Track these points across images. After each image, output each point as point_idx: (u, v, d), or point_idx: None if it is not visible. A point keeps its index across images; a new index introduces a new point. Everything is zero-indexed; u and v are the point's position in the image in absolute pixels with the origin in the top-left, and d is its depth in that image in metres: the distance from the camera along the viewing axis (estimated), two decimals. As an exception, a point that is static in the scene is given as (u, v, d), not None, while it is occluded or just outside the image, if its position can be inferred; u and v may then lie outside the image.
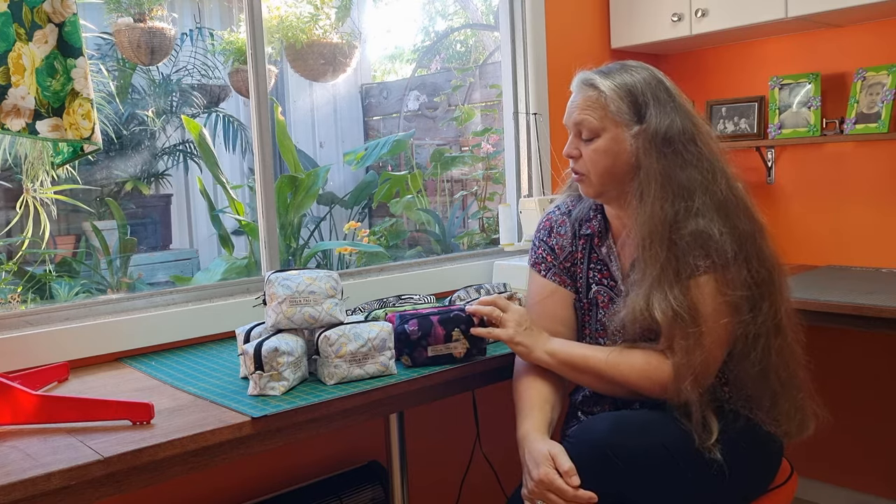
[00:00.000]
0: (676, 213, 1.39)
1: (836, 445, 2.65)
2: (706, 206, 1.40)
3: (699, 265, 1.38)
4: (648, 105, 1.43)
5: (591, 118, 1.45)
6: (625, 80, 1.46)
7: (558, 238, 1.63)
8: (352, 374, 1.51)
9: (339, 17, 3.80)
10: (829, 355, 2.64)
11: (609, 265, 1.57)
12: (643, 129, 1.43)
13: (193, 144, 4.54)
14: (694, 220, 1.39)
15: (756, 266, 1.41)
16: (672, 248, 1.39)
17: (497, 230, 2.84)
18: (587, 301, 1.60)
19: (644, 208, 1.41)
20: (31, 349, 1.66)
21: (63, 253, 4.01)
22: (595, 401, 1.58)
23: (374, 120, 5.54)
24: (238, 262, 3.88)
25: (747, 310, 1.40)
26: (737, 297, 1.39)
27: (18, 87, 1.46)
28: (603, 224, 1.58)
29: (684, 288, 1.38)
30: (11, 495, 1.07)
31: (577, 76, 1.51)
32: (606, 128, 1.44)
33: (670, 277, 1.38)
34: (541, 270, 1.64)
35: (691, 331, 1.36)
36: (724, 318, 1.39)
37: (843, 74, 2.59)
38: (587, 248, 1.60)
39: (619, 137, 1.44)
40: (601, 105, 1.45)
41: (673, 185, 1.40)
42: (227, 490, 1.95)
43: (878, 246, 2.56)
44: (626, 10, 2.83)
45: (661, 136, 1.41)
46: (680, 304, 1.36)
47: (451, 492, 2.36)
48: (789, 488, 1.55)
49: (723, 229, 1.38)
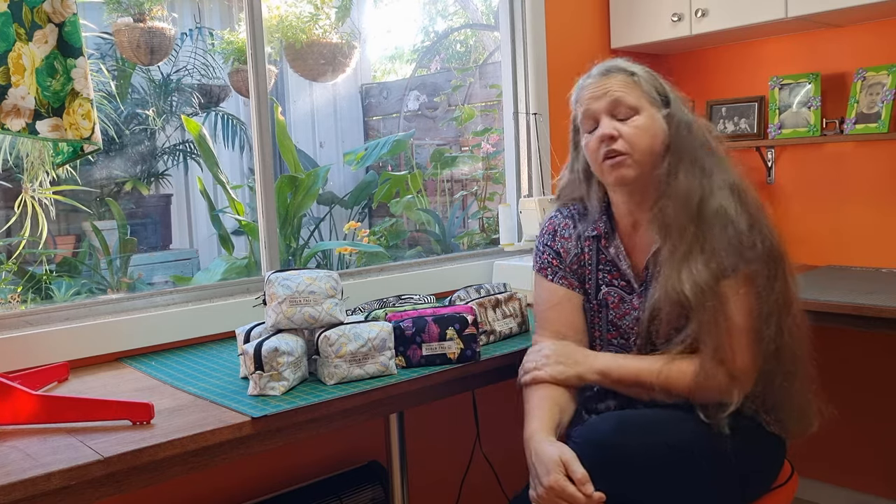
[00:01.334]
0: (703, 189, 1.45)
1: (837, 445, 2.65)
2: (722, 185, 1.46)
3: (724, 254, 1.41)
4: (669, 91, 1.52)
5: (630, 96, 1.48)
6: (647, 69, 1.54)
7: (563, 241, 1.63)
8: (352, 374, 1.51)
9: (339, 17, 3.80)
10: (829, 355, 2.62)
11: (619, 265, 1.57)
12: (671, 112, 1.49)
13: (193, 144, 4.54)
14: (715, 197, 1.44)
15: (768, 242, 1.45)
16: (697, 224, 1.43)
17: (497, 230, 2.84)
18: (596, 303, 1.60)
19: (675, 183, 1.45)
20: (31, 349, 1.66)
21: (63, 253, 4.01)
22: (600, 398, 1.58)
23: (374, 120, 5.54)
24: (238, 262, 3.88)
25: (761, 288, 1.43)
26: (753, 273, 1.42)
27: (18, 87, 1.46)
28: (609, 225, 1.59)
29: (710, 267, 1.41)
30: (11, 495, 1.07)
31: (597, 67, 1.55)
32: (644, 107, 1.48)
33: (697, 252, 1.42)
34: (547, 275, 1.63)
35: (718, 311, 1.39)
36: (750, 301, 1.42)
37: (843, 74, 2.59)
38: (594, 250, 1.60)
39: (655, 116, 1.48)
40: (636, 85, 1.49)
41: (698, 164, 1.47)
42: (227, 490, 1.95)
43: (878, 246, 2.56)
44: (626, 10, 2.83)
45: (685, 120, 1.49)
46: (708, 275, 1.40)
47: (451, 492, 2.36)
48: (790, 488, 1.55)
49: (739, 208, 1.44)
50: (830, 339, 2.62)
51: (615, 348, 1.59)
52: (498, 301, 1.85)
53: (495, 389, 1.82)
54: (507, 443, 2.39)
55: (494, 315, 1.83)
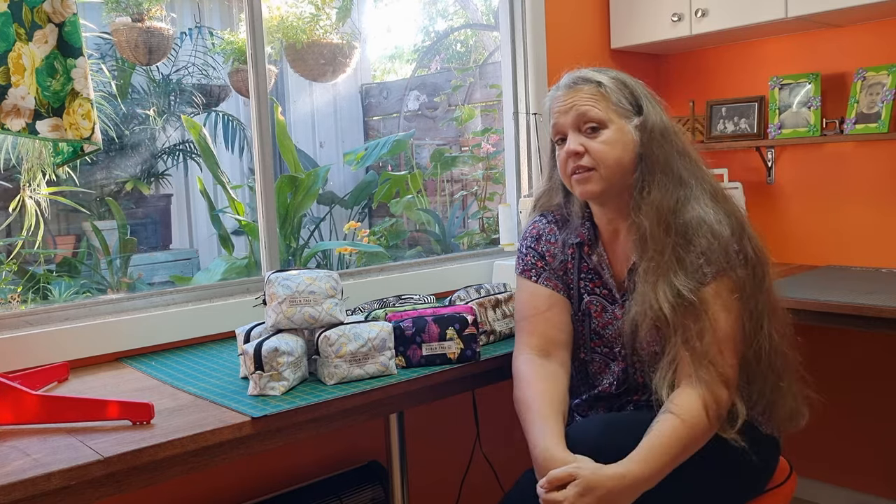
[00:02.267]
0: (677, 201, 1.42)
1: (836, 445, 2.65)
2: (701, 193, 1.44)
3: (702, 261, 1.39)
4: (642, 98, 1.47)
5: (596, 109, 1.44)
6: (617, 75, 1.50)
7: (548, 245, 1.59)
8: (352, 374, 1.51)
9: (339, 17, 3.80)
10: (829, 355, 2.63)
11: (601, 273, 1.54)
12: (643, 120, 1.45)
13: (193, 144, 4.54)
14: (692, 206, 1.42)
15: (751, 248, 1.44)
16: (675, 236, 1.40)
17: (497, 230, 2.84)
18: (580, 312, 1.56)
19: (646, 199, 1.43)
20: (31, 349, 1.66)
21: (63, 253, 4.01)
22: (590, 405, 1.58)
23: (374, 120, 5.54)
24: (238, 262, 3.89)
25: (750, 291, 1.41)
26: (741, 279, 1.41)
27: (18, 87, 1.46)
28: (592, 232, 1.56)
29: (691, 279, 1.38)
30: (11, 495, 1.07)
31: (565, 77, 1.52)
32: (612, 119, 1.45)
33: (675, 266, 1.39)
34: (531, 276, 1.58)
35: (701, 322, 1.36)
36: (734, 305, 1.40)
37: (843, 74, 2.59)
38: (577, 258, 1.56)
39: (624, 129, 1.45)
40: (603, 97, 1.45)
41: (672, 173, 1.44)
42: (227, 490, 1.95)
43: (878, 246, 2.56)
44: (626, 10, 2.83)
45: (658, 127, 1.45)
46: (688, 290, 1.37)
47: (451, 492, 2.36)
48: (788, 488, 1.55)
49: (719, 215, 1.42)
50: (830, 339, 2.62)
51: (600, 356, 1.56)
52: (498, 301, 1.85)
53: (495, 389, 1.82)
54: (508, 443, 2.39)
55: (494, 315, 1.83)
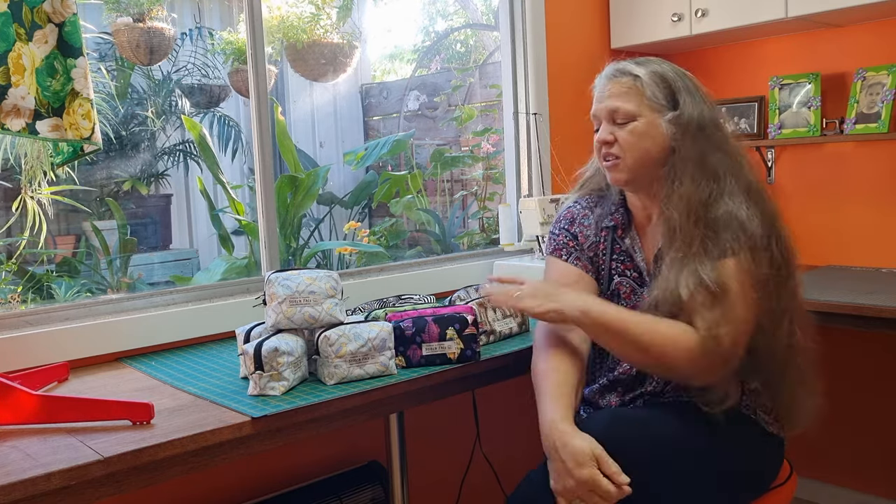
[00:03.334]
0: (709, 195, 1.43)
1: (836, 445, 2.65)
2: (735, 189, 1.45)
3: (729, 247, 1.41)
4: (680, 92, 1.49)
5: (628, 104, 1.48)
6: (658, 69, 1.52)
7: (582, 228, 1.64)
8: (352, 374, 1.51)
9: (340, 17, 3.80)
10: (829, 355, 2.63)
11: (633, 256, 1.58)
12: (677, 115, 1.47)
13: (193, 144, 4.54)
14: (724, 201, 1.43)
15: (781, 246, 1.45)
16: (704, 228, 1.42)
17: (497, 230, 2.84)
18: (608, 293, 1.60)
19: (677, 190, 1.45)
20: (31, 349, 1.66)
21: (63, 253, 4.01)
22: (601, 394, 1.58)
23: (374, 120, 5.54)
24: (238, 262, 3.88)
25: (773, 288, 1.42)
26: (764, 276, 1.41)
27: (18, 87, 1.46)
28: (626, 216, 1.61)
29: (714, 266, 1.39)
30: (11, 495, 1.07)
31: (608, 67, 1.55)
32: (643, 113, 1.48)
33: (701, 257, 1.40)
34: (562, 255, 1.63)
35: (718, 305, 1.37)
36: (752, 295, 1.40)
37: (843, 74, 2.59)
38: (609, 240, 1.61)
39: (655, 122, 1.48)
40: (637, 91, 1.49)
41: (705, 168, 1.45)
42: (227, 490, 1.95)
43: (878, 246, 2.56)
44: (626, 10, 2.83)
45: (695, 122, 1.47)
46: (710, 278, 1.38)
47: (451, 492, 2.36)
48: (789, 488, 1.55)
49: (750, 211, 1.43)
50: (830, 339, 2.61)
51: None
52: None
53: (495, 389, 1.82)
54: (508, 443, 2.40)
55: (494, 315, 1.83)
